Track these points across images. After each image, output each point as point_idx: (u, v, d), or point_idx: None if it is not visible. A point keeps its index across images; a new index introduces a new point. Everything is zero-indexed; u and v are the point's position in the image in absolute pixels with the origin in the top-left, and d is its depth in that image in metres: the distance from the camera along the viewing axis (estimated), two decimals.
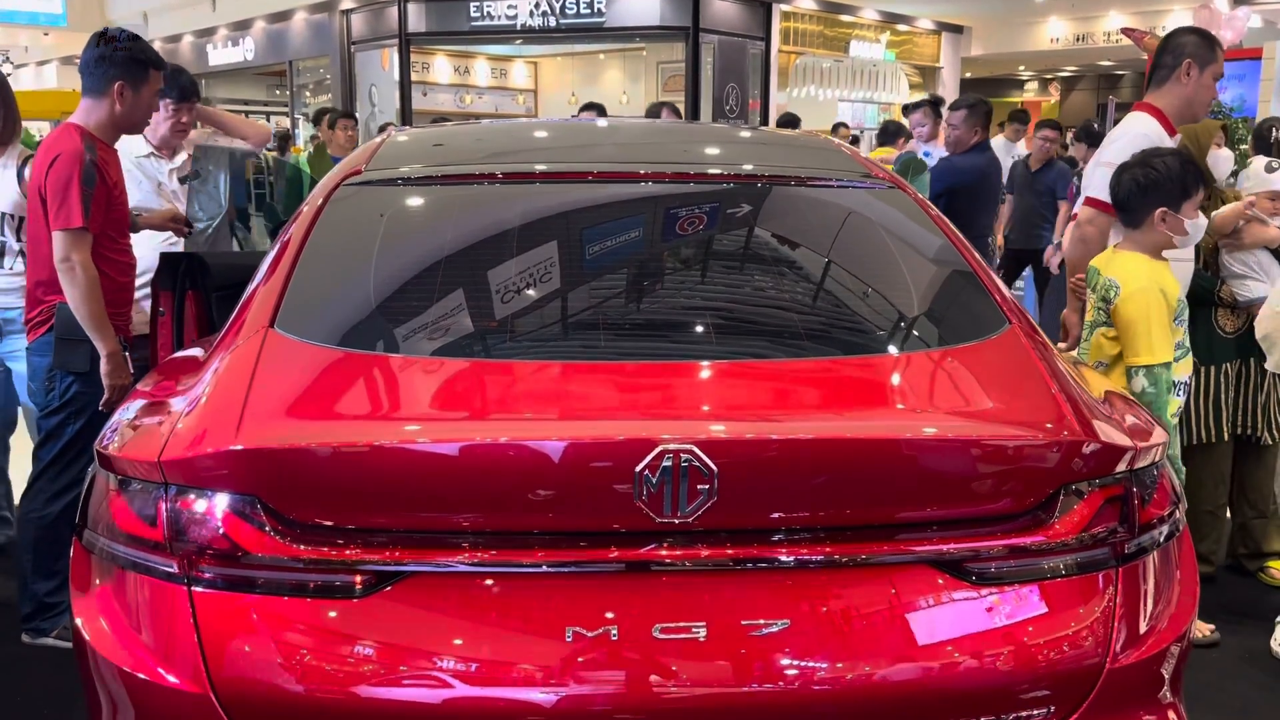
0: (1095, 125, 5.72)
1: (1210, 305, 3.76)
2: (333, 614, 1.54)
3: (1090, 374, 2.08)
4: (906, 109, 7.35)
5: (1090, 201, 3.57)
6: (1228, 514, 4.02)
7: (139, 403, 1.85)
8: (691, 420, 1.60)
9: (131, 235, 3.51)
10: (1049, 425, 1.66)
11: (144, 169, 4.01)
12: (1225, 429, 3.80)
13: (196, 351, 2.12)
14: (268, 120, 17.07)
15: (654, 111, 7.07)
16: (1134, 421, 1.83)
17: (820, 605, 1.57)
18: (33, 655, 3.22)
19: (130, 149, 3.74)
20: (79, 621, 1.67)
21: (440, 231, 2.19)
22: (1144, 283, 2.97)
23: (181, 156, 4.14)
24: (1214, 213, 3.65)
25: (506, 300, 1.98)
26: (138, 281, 3.98)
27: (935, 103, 6.14)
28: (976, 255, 2.19)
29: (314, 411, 1.66)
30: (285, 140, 10.39)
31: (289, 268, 1.98)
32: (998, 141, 7.47)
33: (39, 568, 3.20)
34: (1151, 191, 3.08)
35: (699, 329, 2.02)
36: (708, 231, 2.27)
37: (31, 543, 3.19)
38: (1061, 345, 3.53)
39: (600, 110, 6.38)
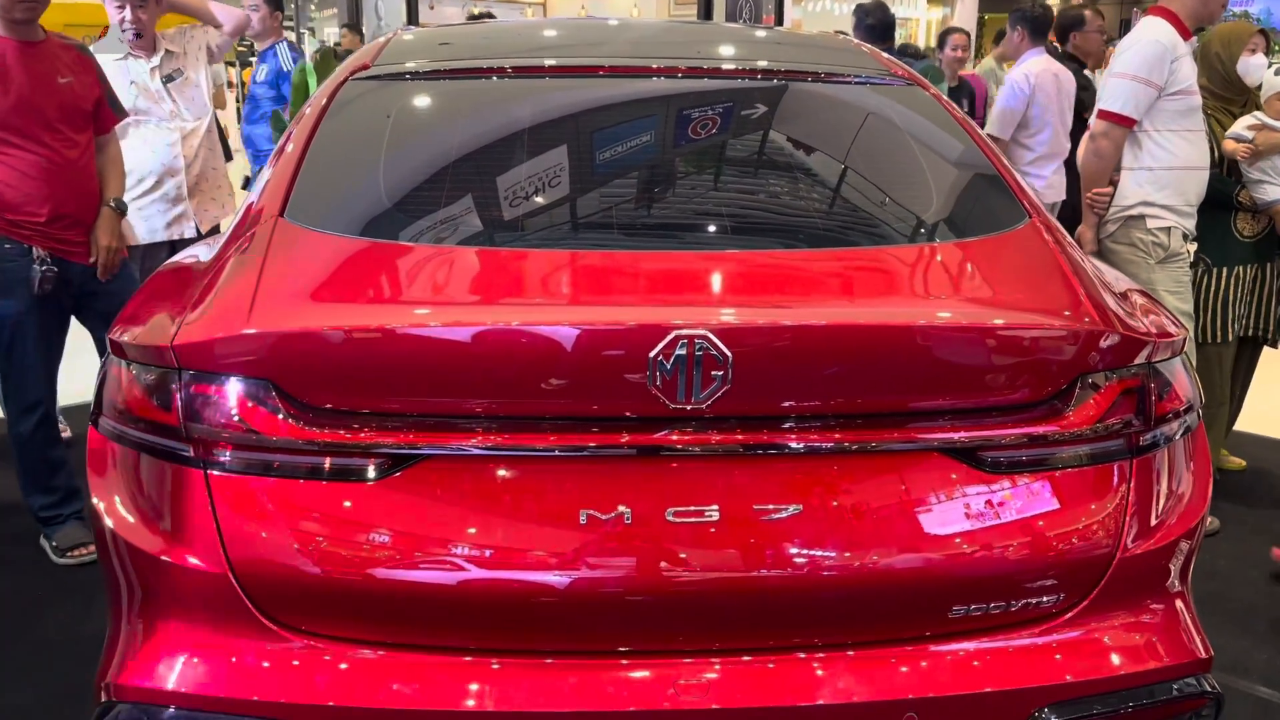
0: (1036, 9, 5.31)
1: (1230, 209, 3.76)
2: (347, 497, 1.55)
3: (1112, 271, 2.05)
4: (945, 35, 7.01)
5: (1104, 114, 3.51)
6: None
7: (151, 293, 1.85)
8: (705, 306, 1.58)
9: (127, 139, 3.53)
10: (1067, 314, 1.65)
11: (124, 72, 3.93)
12: (1232, 330, 3.85)
13: (205, 248, 2.11)
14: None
15: None
16: (1153, 315, 1.81)
17: (832, 491, 1.57)
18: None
19: (108, 53, 3.72)
20: (98, 507, 1.69)
21: (449, 124, 2.17)
22: None
23: (160, 54, 4.05)
24: (1260, 137, 3.61)
25: (518, 190, 1.95)
26: (141, 189, 3.95)
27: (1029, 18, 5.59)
28: (996, 151, 2.16)
29: (325, 296, 1.65)
30: None
31: (298, 159, 1.96)
32: (986, 63, 7.11)
33: (27, 484, 3.35)
34: None
35: (713, 220, 2.00)
36: (723, 125, 2.23)
37: (17, 460, 3.33)
38: None
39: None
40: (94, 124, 3.29)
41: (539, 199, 1.95)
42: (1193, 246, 3.76)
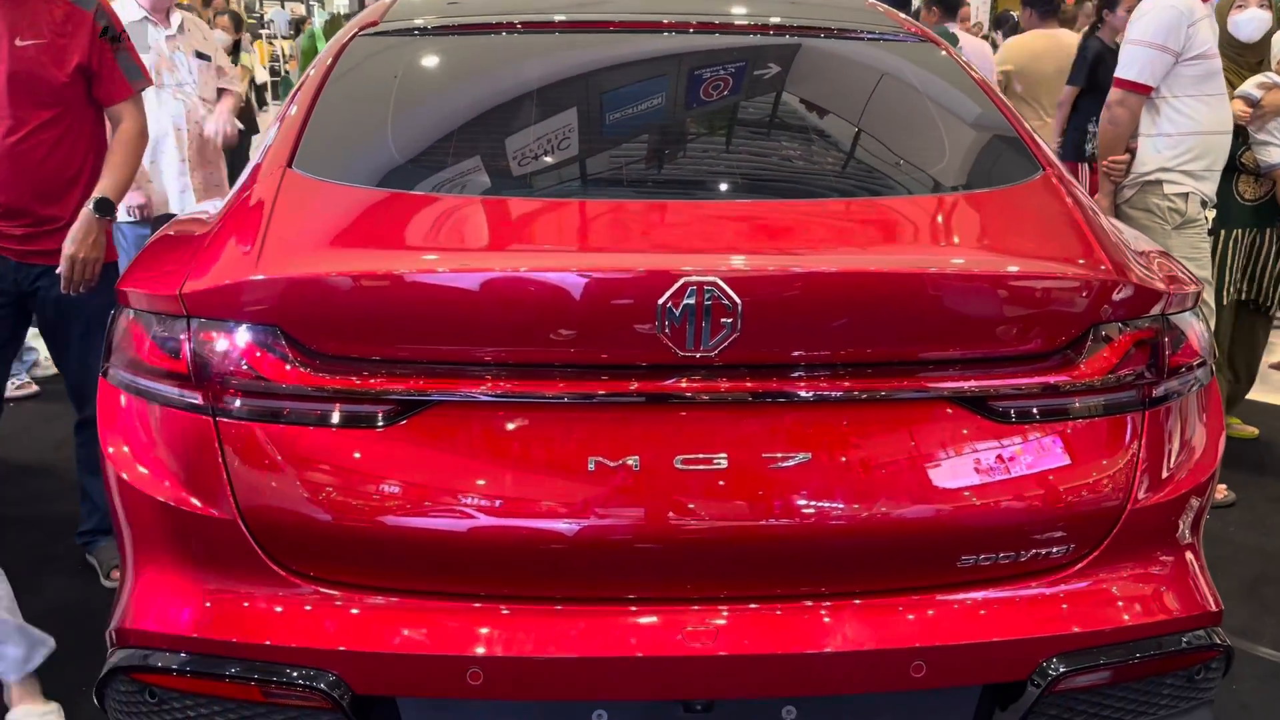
0: None
1: (1232, 170, 3.72)
2: (356, 443, 1.54)
3: (1128, 229, 2.04)
4: None
5: (1120, 82, 3.46)
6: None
7: (159, 244, 1.85)
8: (715, 253, 1.57)
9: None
10: (1081, 262, 1.63)
11: (137, 35, 3.89)
12: (1227, 294, 3.84)
13: (214, 204, 2.11)
14: (282, 6, 16.76)
15: None
16: (1167, 268, 1.80)
17: (842, 440, 1.56)
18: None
19: (124, 14, 3.56)
20: (109, 456, 1.69)
21: (458, 78, 2.16)
22: None
23: (178, 20, 4.02)
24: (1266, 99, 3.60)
25: (527, 142, 1.94)
26: (147, 159, 3.91)
27: None
28: (1010, 106, 2.14)
29: (333, 243, 1.65)
30: (300, 24, 10.23)
31: (306, 111, 1.95)
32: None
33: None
34: None
35: (723, 170, 1.98)
36: (735, 78, 2.21)
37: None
38: None
39: None
40: (93, 95, 2.78)
41: (548, 151, 1.94)
42: (1211, 213, 3.72)
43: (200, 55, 4.08)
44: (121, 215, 4.01)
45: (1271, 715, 2.55)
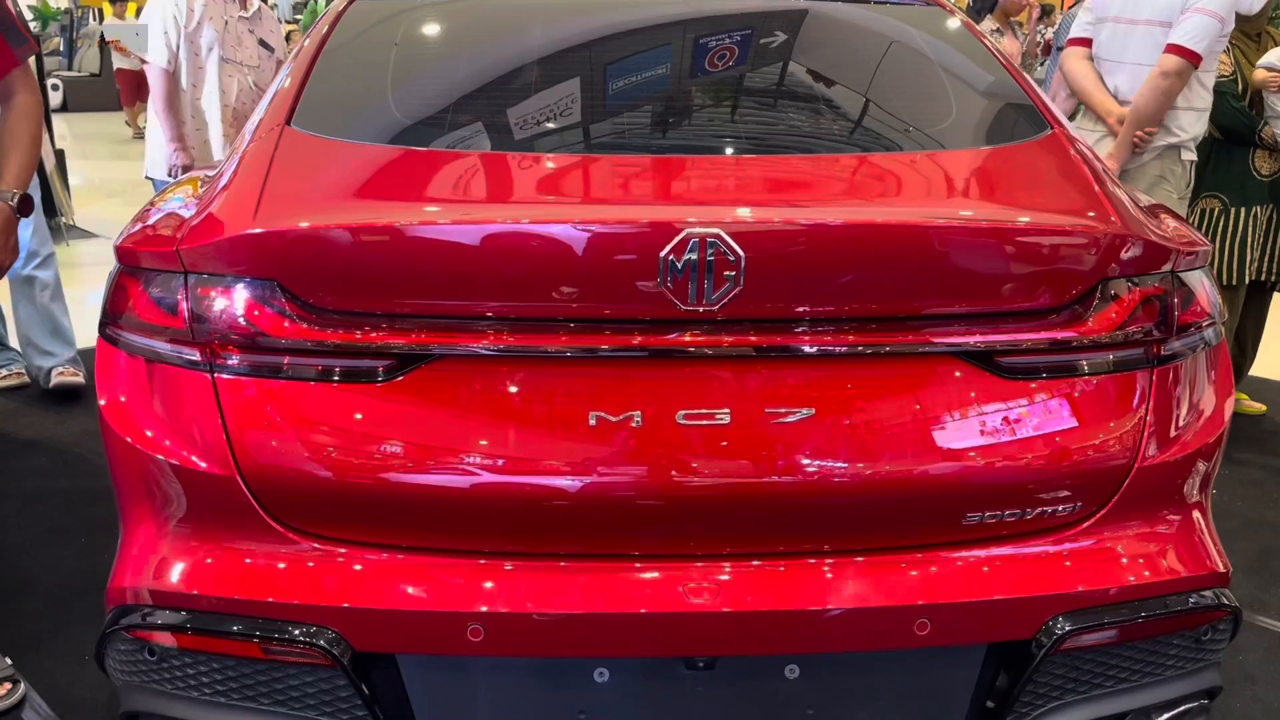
0: None
1: (1249, 145, 3.70)
2: (355, 398, 1.53)
3: (1137, 191, 2.02)
4: None
5: (1184, 51, 3.31)
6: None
7: (157, 202, 1.84)
8: (718, 205, 1.55)
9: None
10: (1090, 216, 1.61)
11: (215, 8, 3.99)
12: (1249, 271, 3.82)
13: (216, 166, 2.10)
14: None
15: None
16: (1177, 226, 1.78)
17: (846, 395, 1.54)
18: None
19: None
20: (106, 415, 1.68)
21: (458, 34, 2.15)
22: None
23: (255, 6, 4.15)
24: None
25: (529, 97, 1.93)
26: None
27: None
28: (1018, 68, 2.11)
29: (332, 197, 1.63)
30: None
31: (305, 70, 1.94)
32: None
33: None
34: None
35: (727, 126, 1.96)
36: (741, 35, 2.18)
37: None
38: None
39: None
40: None
41: (549, 108, 1.92)
42: None
43: (264, 45, 4.17)
44: (163, 175, 4.09)
45: (1277, 686, 2.53)
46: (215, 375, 1.56)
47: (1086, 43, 3.61)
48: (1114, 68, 3.55)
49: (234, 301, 1.54)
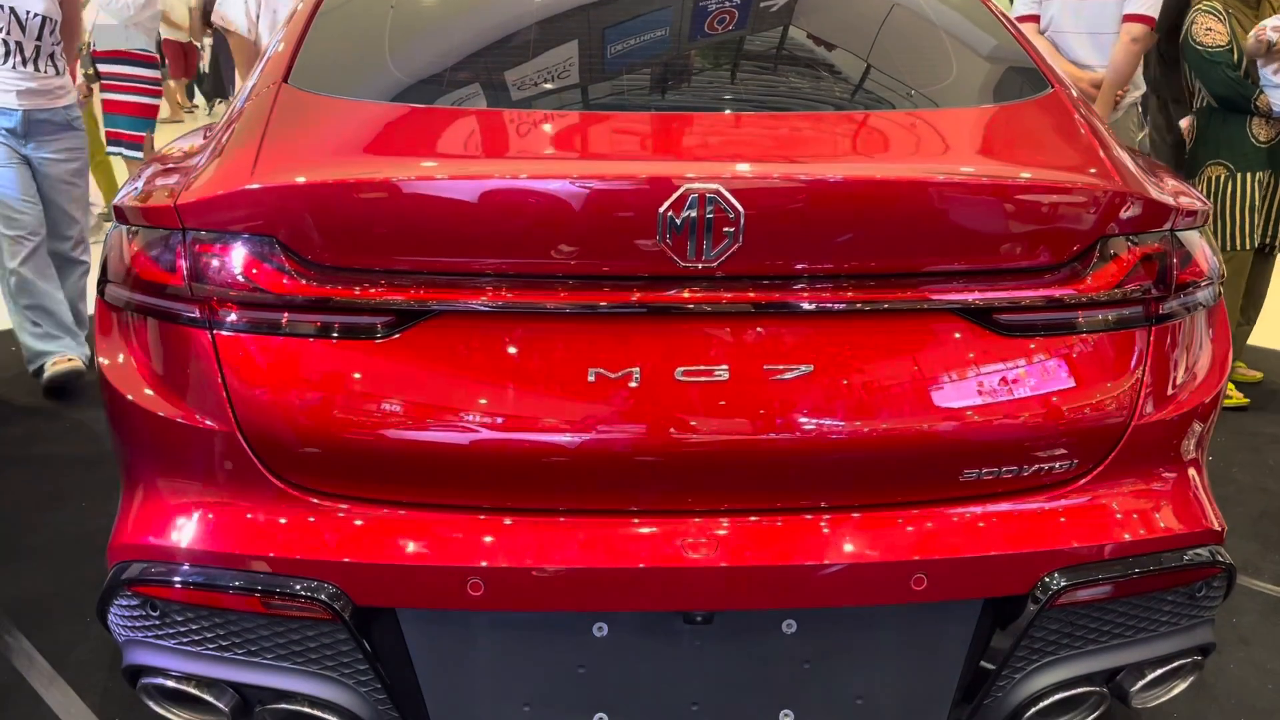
0: None
1: (1246, 113, 3.74)
2: (354, 355, 1.53)
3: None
4: None
5: (1143, 19, 3.69)
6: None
7: (156, 161, 1.83)
8: (717, 161, 1.55)
9: None
10: (1091, 174, 1.60)
11: None
12: (1254, 237, 3.87)
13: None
14: None
15: None
16: (1176, 184, 1.77)
17: (844, 352, 1.54)
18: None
19: None
20: (106, 373, 1.68)
21: None
22: None
23: None
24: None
25: (528, 56, 1.91)
26: None
27: None
28: (1019, 28, 2.10)
29: (329, 153, 1.62)
30: None
31: (302, 29, 1.93)
32: None
33: None
34: None
35: (727, 83, 1.95)
36: None
37: None
38: None
39: None
40: None
41: (548, 64, 1.91)
42: None
43: None
44: None
45: (1271, 648, 2.55)
46: (214, 332, 1.56)
47: (1034, 18, 3.97)
48: (1071, 39, 3.89)
49: (232, 258, 1.54)
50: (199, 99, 15.20)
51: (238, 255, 1.54)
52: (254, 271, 1.53)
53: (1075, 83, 3.90)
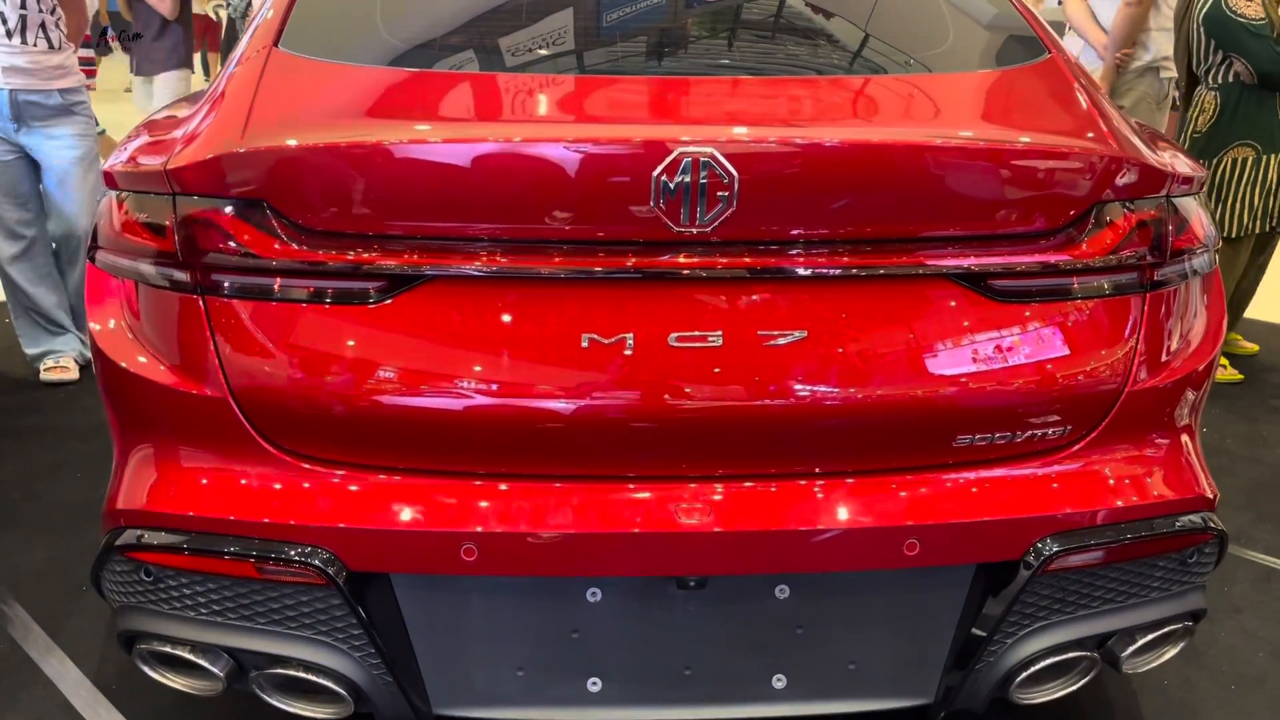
0: None
1: (1275, 92, 3.68)
2: (346, 320, 1.52)
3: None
4: None
5: None
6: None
7: (147, 127, 1.81)
8: (711, 125, 1.54)
9: None
10: (1087, 139, 1.60)
11: None
12: (1272, 219, 3.86)
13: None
14: None
15: None
16: (1172, 151, 1.76)
17: (838, 317, 1.54)
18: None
19: None
20: (98, 339, 1.67)
21: None
22: None
23: None
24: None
25: (521, 21, 1.89)
26: None
27: None
28: None
29: (321, 116, 1.61)
30: None
31: None
32: None
33: None
34: None
35: (723, 48, 1.94)
36: None
37: None
38: None
39: None
40: None
41: (542, 29, 1.89)
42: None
43: None
44: None
45: (1263, 617, 2.57)
46: (205, 297, 1.56)
47: None
48: (1099, 4, 4.27)
49: (222, 223, 1.53)
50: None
51: (228, 220, 1.52)
52: (245, 236, 1.52)
53: (1100, 47, 4.22)
